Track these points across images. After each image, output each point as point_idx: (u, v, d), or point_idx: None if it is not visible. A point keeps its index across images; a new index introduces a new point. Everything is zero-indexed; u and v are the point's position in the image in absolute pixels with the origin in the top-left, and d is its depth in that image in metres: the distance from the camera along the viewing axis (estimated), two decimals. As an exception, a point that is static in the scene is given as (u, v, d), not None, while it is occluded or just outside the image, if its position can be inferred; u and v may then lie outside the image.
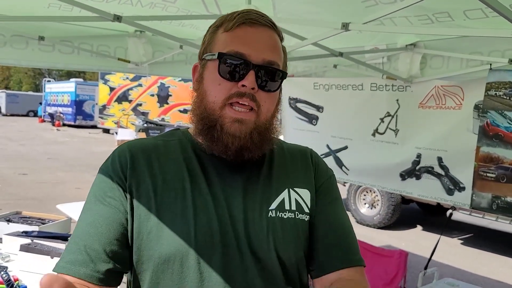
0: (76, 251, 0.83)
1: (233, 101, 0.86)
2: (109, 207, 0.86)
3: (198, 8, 2.30)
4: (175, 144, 0.96)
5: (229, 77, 0.86)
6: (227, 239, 0.86)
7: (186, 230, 0.85)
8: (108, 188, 0.88)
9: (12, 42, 2.69)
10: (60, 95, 26.93)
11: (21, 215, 3.02)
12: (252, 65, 0.86)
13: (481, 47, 2.51)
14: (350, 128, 3.37)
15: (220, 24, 0.92)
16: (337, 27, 1.84)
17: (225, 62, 0.87)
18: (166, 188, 0.88)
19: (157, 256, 0.84)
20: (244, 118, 0.86)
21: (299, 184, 0.97)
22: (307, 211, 0.95)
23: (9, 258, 2.32)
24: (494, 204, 2.47)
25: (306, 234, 0.95)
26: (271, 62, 0.89)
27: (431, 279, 3.11)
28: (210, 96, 0.89)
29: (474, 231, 6.57)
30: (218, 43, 0.90)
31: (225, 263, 0.85)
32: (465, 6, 1.95)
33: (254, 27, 0.89)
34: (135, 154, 0.92)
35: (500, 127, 2.45)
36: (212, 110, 0.88)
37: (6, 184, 8.36)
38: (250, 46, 0.87)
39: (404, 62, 2.84)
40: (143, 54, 3.08)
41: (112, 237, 0.84)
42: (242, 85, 0.86)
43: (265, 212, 0.90)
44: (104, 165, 0.93)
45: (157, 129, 13.87)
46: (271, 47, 0.90)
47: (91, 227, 0.84)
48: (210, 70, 0.90)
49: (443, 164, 2.84)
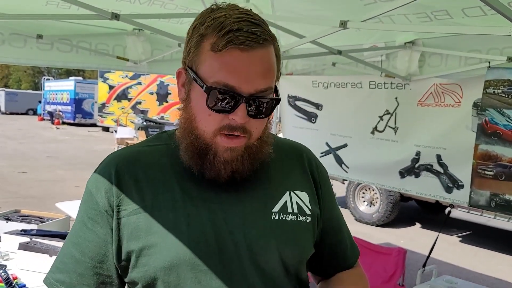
0: (64, 272, 0.87)
1: (224, 132, 0.82)
2: (92, 232, 0.86)
3: (197, 5, 2.30)
4: (161, 150, 0.92)
5: (218, 110, 0.81)
6: (224, 245, 0.84)
7: (179, 242, 0.83)
8: (93, 211, 0.87)
9: (10, 40, 2.69)
10: (60, 93, 26.90)
11: (20, 213, 3.02)
12: (242, 98, 0.79)
13: (480, 45, 2.51)
14: (349, 126, 3.37)
15: (205, 34, 0.81)
16: (335, 25, 1.84)
17: (213, 95, 0.79)
18: (156, 202, 0.85)
19: (152, 271, 0.83)
20: (236, 146, 0.83)
21: (298, 186, 0.96)
22: (308, 213, 0.94)
23: (8, 257, 2.32)
24: (493, 202, 2.47)
25: (308, 236, 0.94)
26: (263, 90, 0.81)
27: (430, 277, 3.11)
28: (199, 123, 0.84)
29: (472, 229, 6.58)
30: (204, 63, 0.81)
31: (223, 269, 0.84)
32: (464, 4, 1.95)
33: (245, 52, 0.78)
34: (120, 168, 0.88)
35: (499, 125, 2.45)
36: (203, 138, 0.84)
37: (6, 182, 8.36)
38: (240, 76, 0.79)
39: (403, 60, 2.84)
40: (142, 52, 3.08)
41: (97, 263, 0.86)
42: (232, 118, 0.81)
43: (268, 215, 0.89)
44: (91, 181, 0.90)
45: (157, 127, 13.85)
46: (264, 73, 0.81)
47: (77, 252, 0.87)
48: (197, 95, 0.83)
49: (442, 162, 2.84)
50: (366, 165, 3.27)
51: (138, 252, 0.83)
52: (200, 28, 0.82)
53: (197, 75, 0.82)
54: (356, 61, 2.88)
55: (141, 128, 13.27)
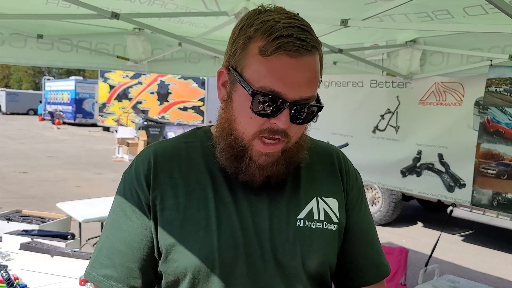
0: (110, 267, 0.88)
1: (264, 135, 0.82)
2: (136, 224, 0.88)
3: (197, 5, 2.29)
4: (196, 148, 0.93)
5: (261, 114, 0.80)
6: (251, 249, 0.85)
7: (209, 242, 0.84)
8: (133, 202, 0.89)
9: (10, 40, 2.68)
10: (60, 93, 26.90)
11: (21, 213, 3.01)
12: (287, 104, 0.79)
13: (481, 43, 2.50)
14: (351, 125, 3.36)
15: (253, 36, 0.80)
16: (336, 23, 1.83)
17: (258, 99, 0.79)
18: (189, 199, 0.87)
19: (183, 268, 0.85)
20: (272, 151, 0.84)
21: (327, 193, 0.94)
22: (335, 220, 0.92)
23: (9, 257, 2.31)
24: (495, 201, 2.46)
25: (334, 244, 0.93)
26: (307, 98, 0.81)
27: (432, 276, 3.10)
28: (239, 125, 0.84)
29: (475, 228, 6.57)
30: (251, 67, 0.80)
31: (249, 273, 0.85)
32: (465, 2, 1.94)
33: (293, 59, 0.78)
34: (157, 163, 0.90)
35: (501, 123, 2.44)
36: (241, 140, 0.84)
37: (7, 182, 8.36)
38: (287, 83, 0.78)
39: (404, 58, 2.83)
40: (142, 52, 3.07)
41: (143, 255, 0.88)
42: (274, 123, 0.81)
43: (293, 221, 0.89)
44: (128, 173, 0.92)
45: (157, 127, 13.83)
46: (310, 81, 0.81)
47: (123, 245, 0.88)
48: (240, 97, 0.82)
49: (444, 160, 2.83)
50: (367, 164, 3.25)
51: (169, 248, 0.85)
52: (248, 30, 0.81)
53: (242, 77, 0.81)
54: (357, 59, 2.87)
55: (142, 127, 13.25)
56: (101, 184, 8.60)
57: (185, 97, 16.65)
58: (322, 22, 2.07)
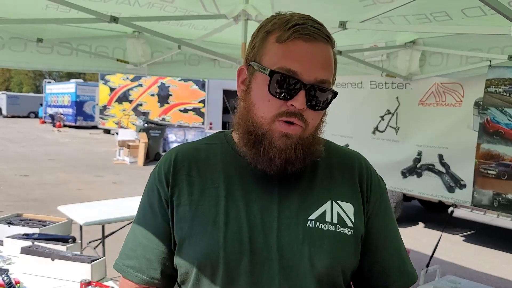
0: (134, 258, 0.96)
1: (282, 119, 0.85)
2: (156, 219, 0.95)
3: (196, 8, 2.30)
4: (216, 149, 0.98)
5: (279, 95, 0.84)
6: (257, 246, 0.87)
7: (216, 237, 0.88)
8: (155, 199, 0.95)
9: (10, 44, 2.69)
10: (61, 96, 26.94)
11: (22, 217, 3.01)
12: (303, 85, 0.83)
13: (481, 43, 2.50)
14: (351, 126, 3.36)
15: (271, 29, 0.87)
16: (334, 25, 1.84)
17: (276, 79, 0.84)
18: (202, 196, 0.91)
19: (191, 261, 0.89)
20: (291, 133, 0.86)
21: (343, 197, 0.94)
22: (350, 225, 0.92)
23: (10, 261, 2.32)
24: (495, 201, 2.46)
25: (348, 248, 0.92)
26: (323, 81, 0.86)
27: (433, 277, 3.10)
28: (258, 110, 0.87)
29: (476, 228, 6.56)
30: (269, 53, 0.87)
31: (252, 270, 0.87)
32: (463, 4, 1.94)
33: (309, 43, 0.84)
34: (177, 162, 0.96)
35: (501, 124, 2.44)
36: (260, 125, 0.87)
37: (8, 185, 8.37)
38: (303, 63, 0.84)
39: (403, 59, 2.83)
40: (142, 55, 3.07)
41: (161, 248, 0.95)
42: (291, 105, 0.84)
43: (302, 221, 0.89)
44: (153, 172, 0.99)
45: (158, 129, 13.85)
46: (325, 65, 0.86)
47: (145, 239, 0.96)
48: (258, 83, 0.88)
49: (444, 161, 2.84)
50: (367, 165, 3.26)
51: (181, 241, 0.91)
52: (266, 26, 0.89)
53: (260, 65, 0.87)
54: (357, 61, 2.88)
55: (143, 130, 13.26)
56: (102, 186, 8.61)
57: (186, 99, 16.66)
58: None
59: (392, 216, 1.02)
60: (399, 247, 0.99)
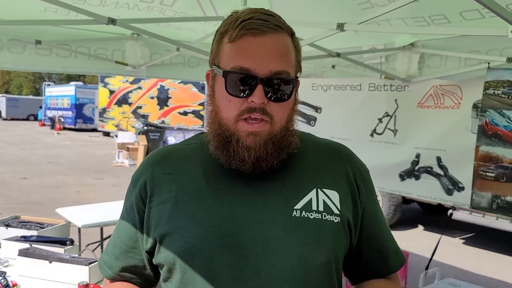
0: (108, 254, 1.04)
1: (245, 117, 0.86)
2: (128, 222, 0.99)
3: (195, 11, 2.30)
4: (196, 148, 0.98)
5: (237, 94, 0.86)
6: (241, 240, 0.86)
7: (198, 232, 0.87)
8: (131, 202, 0.98)
9: (9, 46, 2.69)
10: (60, 98, 26.93)
11: (19, 219, 3.00)
12: (258, 79, 0.84)
13: (479, 46, 2.51)
14: (349, 129, 3.36)
15: (224, 30, 0.89)
16: (332, 27, 1.84)
17: (231, 79, 0.85)
18: (181, 193, 0.91)
19: (172, 256, 0.89)
20: (258, 130, 0.86)
21: (328, 185, 0.94)
22: (336, 212, 0.91)
23: (7, 263, 2.31)
24: (494, 203, 2.46)
25: (336, 235, 0.91)
26: (278, 72, 0.85)
27: (433, 279, 3.10)
28: (222, 112, 0.89)
29: (475, 230, 6.56)
30: (223, 55, 0.88)
31: (236, 264, 0.85)
32: (461, 7, 1.95)
33: (257, 37, 0.85)
34: (156, 164, 0.97)
35: (499, 126, 2.44)
36: (226, 126, 0.88)
37: (7, 188, 8.36)
38: (254, 58, 0.84)
39: (402, 61, 2.84)
40: (141, 57, 3.07)
41: (128, 247, 0.99)
42: (251, 101, 0.85)
43: (289, 212, 0.89)
44: (133, 176, 1.01)
45: (157, 132, 13.84)
46: (278, 55, 0.86)
47: (117, 238, 1.02)
48: (219, 85, 0.89)
49: (442, 164, 2.83)
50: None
51: (161, 238, 0.90)
52: (220, 28, 0.91)
53: (218, 67, 0.89)
54: (355, 63, 2.88)
55: (142, 132, 13.26)
56: (102, 189, 8.60)
57: (185, 101, 16.67)
58: (319, 26, 2.08)
59: (377, 199, 1.04)
60: (388, 230, 1.04)
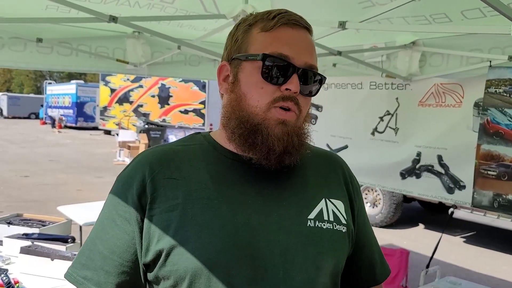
0: (91, 269, 0.85)
1: (278, 105, 0.83)
2: (123, 231, 0.85)
3: (196, 8, 2.29)
4: (195, 150, 0.91)
5: (272, 80, 0.83)
6: (258, 251, 0.81)
7: (213, 243, 0.80)
8: (123, 208, 0.85)
9: (10, 44, 2.68)
10: (61, 97, 26.96)
11: (21, 217, 3.01)
12: (296, 68, 0.84)
13: (481, 44, 2.50)
14: (350, 127, 3.36)
15: (253, 22, 0.87)
16: (334, 25, 1.84)
17: (268, 64, 0.83)
18: (189, 200, 0.83)
19: (182, 271, 0.80)
20: (288, 119, 0.84)
21: (334, 195, 0.94)
22: (344, 222, 0.92)
23: (9, 261, 2.32)
24: (496, 202, 2.46)
25: (344, 245, 0.92)
26: (312, 66, 0.86)
27: (433, 278, 3.09)
28: (251, 99, 0.84)
29: (476, 229, 6.55)
30: (255, 43, 0.85)
31: (255, 276, 0.80)
32: (463, 6, 1.94)
33: (295, 29, 0.85)
34: (154, 167, 0.86)
35: (501, 124, 2.44)
36: (255, 114, 0.84)
37: (8, 186, 8.37)
38: (293, 48, 0.84)
39: (403, 60, 2.83)
40: (142, 55, 3.07)
41: (124, 261, 0.85)
42: (286, 89, 0.83)
43: (303, 222, 0.87)
44: (122, 177, 0.89)
45: (158, 130, 13.85)
46: (312, 51, 0.88)
47: (106, 249, 0.85)
48: (248, 72, 0.86)
49: (443, 162, 2.83)
50: (366, 166, 3.25)
51: (168, 250, 0.81)
52: (247, 20, 0.89)
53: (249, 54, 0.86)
54: (357, 61, 2.87)
55: (143, 131, 13.27)
56: (102, 187, 8.60)
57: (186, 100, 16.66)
58: (320, 24, 2.07)
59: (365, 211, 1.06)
60: (376, 241, 1.06)
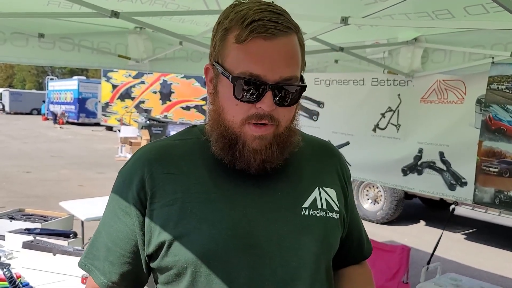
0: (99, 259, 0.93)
1: (251, 122, 0.84)
2: (124, 225, 0.90)
3: (198, 4, 2.29)
4: (193, 144, 0.94)
5: (245, 99, 0.83)
6: (256, 240, 0.85)
7: (212, 235, 0.84)
8: (125, 203, 0.90)
9: (12, 39, 2.69)
10: (63, 93, 26.98)
11: (23, 212, 3.02)
12: (268, 86, 0.81)
13: (484, 40, 2.49)
14: (352, 124, 3.35)
15: (229, 27, 0.83)
16: (336, 21, 1.83)
17: (239, 84, 0.82)
18: (188, 194, 0.87)
19: (183, 261, 0.84)
20: (264, 134, 0.85)
21: (327, 183, 0.97)
22: (336, 209, 0.95)
23: (11, 255, 2.33)
24: (497, 198, 2.46)
25: (337, 232, 0.96)
26: (288, 78, 0.83)
27: (434, 274, 3.10)
28: (227, 114, 0.86)
29: (477, 226, 6.55)
30: (230, 56, 0.84)
31: (253, 264, 0.85)
32: (465, 2, 1.93)
33: (269, 41, 0.80)
34: (153, 162, 0.90)
35: (503, 121, 2.44)
36: (232, 128, 0.86)
37: (10, 182, 8.40)
38: (265, 64, 0.81)
39: (405, 56, 2.82)
40: (144, 51, 3.07)
41: (126, 252, 0.91)
42: (259, 107, 0.83)
43: (298, 210, 0.90)
44: (123, 171, 0.93)
45: (160, 126, 13.86)
46: (288, 59, 0.83)
47: (110, 242, 0.92)
48: (224, 86, 0.85)
49: (445, 159, 2.83)
50: (368, 163, 3.25)
51: (169, 242, 0.85)
52: (224, 23, 0.85)
53: (223, 67, 0.84)
54: (359, 57, 2.87)
55: (145, 127, 13.28)
56: (104, 183, 8.62)
57: (188, 96, 16.66)
58: (323, 20, 2.07)
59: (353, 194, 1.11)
60: (361, 220, 1.12)
